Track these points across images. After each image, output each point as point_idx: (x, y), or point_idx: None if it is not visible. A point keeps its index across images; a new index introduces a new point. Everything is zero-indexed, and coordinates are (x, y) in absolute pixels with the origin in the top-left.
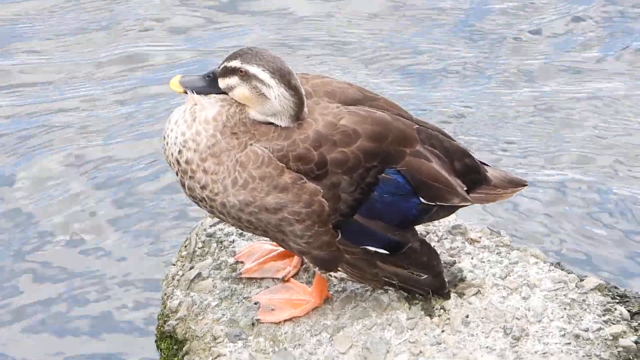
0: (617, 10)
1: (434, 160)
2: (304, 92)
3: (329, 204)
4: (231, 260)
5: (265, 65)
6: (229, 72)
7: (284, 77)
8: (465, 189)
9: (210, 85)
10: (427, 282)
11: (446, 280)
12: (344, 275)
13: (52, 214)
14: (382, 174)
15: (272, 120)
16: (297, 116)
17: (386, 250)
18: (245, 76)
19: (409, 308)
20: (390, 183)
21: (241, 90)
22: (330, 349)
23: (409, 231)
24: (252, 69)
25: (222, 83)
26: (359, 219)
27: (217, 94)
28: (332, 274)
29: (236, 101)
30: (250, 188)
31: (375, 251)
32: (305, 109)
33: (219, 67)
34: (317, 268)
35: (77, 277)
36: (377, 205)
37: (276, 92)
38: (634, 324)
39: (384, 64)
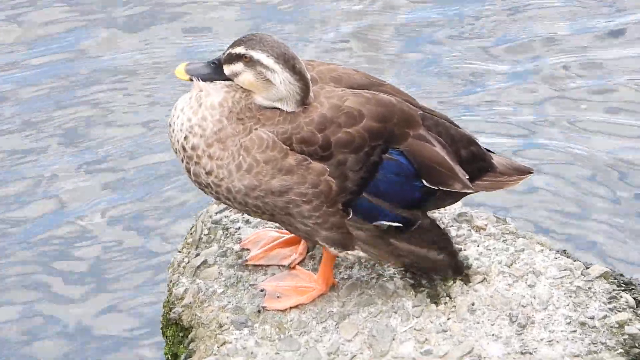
0: None
1: (437, 145)
2: (309, 77)
3: (336, 182)
4: (237, 247)
5: (269, 50)
6: (233, 58)
7: (289, 62)
8: (467, 176)
9: (215, 72)
10: (445, 262)
11: (462, 261)
12: (362, 254)
13: (55, 199)
14: (385, 154)
15: (278, 105)
16: (303, 101)
17: (398, 223)
18: (250, 62)
19: (415, 295)
20: (393, 164)
21: (246, 76)
22: (336, 336)
23: (416, 211)
24: (257, 54)
25: (227, 70)
26: (367, 196)
27: (222, 80)
28: (350, 252)
29: (241, 87)
30: (254, 172)
31: (389, 226)
32: (311, 94)
33: (223, 54)
34: (332, 248)
35: (81, 265)
36: (381, 185)
37: (281, 77)
38: None
39: None
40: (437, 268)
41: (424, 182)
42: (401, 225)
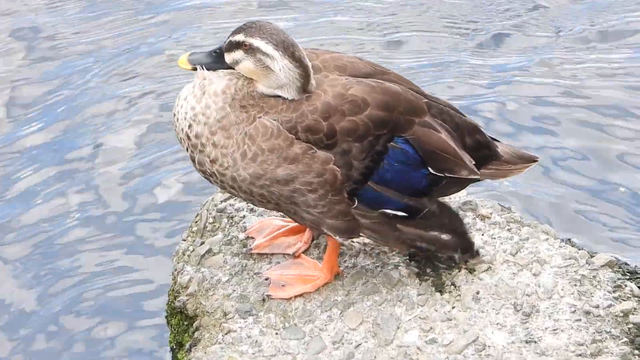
0: None
1: (443, 132)
2: (309, 64)
3: (341, 172)
4: (242, 235)
5: (268, 37)
6: (233, 46)
7: (288, 49)
8: (473, 162)
9: (217, 60)
10: (454, 243)
11: (473, 241)
12: (367, 240)
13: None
14: (391, 143)
15: (279, 92)
16: (304, 88)
17: (404, 212)
18: (250, 49)
19: (420, 284)
20: (399, 152)
21: (246, 64)
22: (341, 324)
23: (423, 198)
24: (256, 42)
25: (228, 58)
26: (373, 185)
27: (224, 69)
28: (355, 239)
29: (244, 75)
30: (260, 161)
31: (395, 215)
32: (313, 82)
33: (224, 42)
34: (337, 236)
35: (86, 254)
36: (387, 174)
37: (280, 64)
38: None
39: None
40: (445, 249)
41: (430, 169)
42: (406, 215)
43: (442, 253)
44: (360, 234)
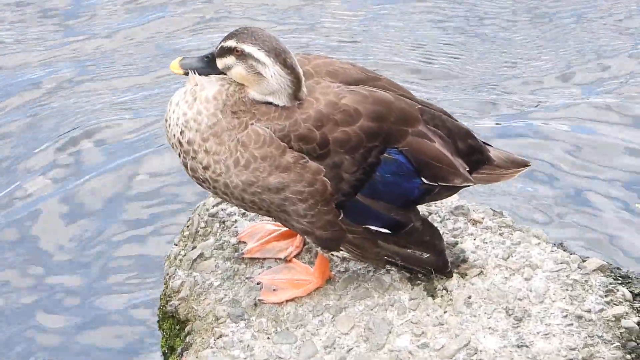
0: None
1: (437, 140)
2: (300, 71)
3: (331, 184)
4: (233, 240)
5: (260, 44)
6: (225, 52)
7: (280, 56)
8: (467, 169)
9: (208, 66)
10: (430, 261)
11: (449, 260)
12: (347, 255)
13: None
14: (384, 154)
15: (270, 99)
16: (295, 95)
17: (388, 229)
18: (241, 55)
19: (412, 289)
20: (392, 163)
21: (238, 70)
22: (333, 329)
23: (411, 211)
24: (248, 48)
25: (220, 63)
26: (361, 198)
27: (216, 74)
28: (335, 253)
29: (235, 81)
30: (252, 168)
31: (377, 230)
32: (304, 88)
33: (216, 48)
34: (319, 248)
35: (76, 257)
36: (379, 185)
37: (272, 71)
38: (636, 305)
39: None
40: (421, 266)
41: (423, 179)
42: (390, 232)
43: (417, 270)
44: (341, 248)
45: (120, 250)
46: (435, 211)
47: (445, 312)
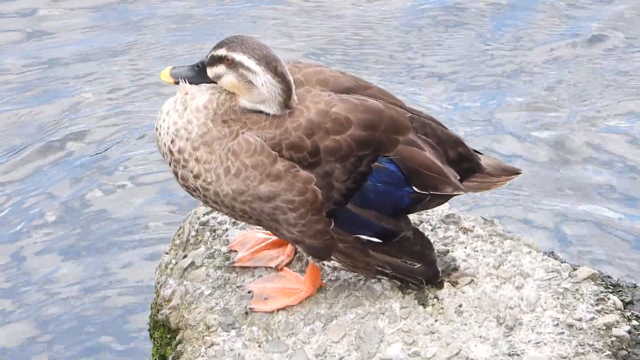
0: None
1: (427, 148)
2: (291, 79)
3: (322, 192)
4: (224, 249)
5: (251, 52)
6: (215, 60)
7: (270, 64)
8: (458, 177)
9: (199, 74)
10: (420, 271)
11: (439, 269)
12: (337, 264)
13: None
14: (375, 163)
15: (261, 107)
16: (286, 103)
17: (379, 238)
18: (232, 64)
19: (403, 297)
20: (383, 172)
21: (229, 79)
22: (324, 338)
23: (402, 220)
24: (238, 56)
25: (211, 72)
26: (352, 207)
27: (206, 83)
28: (325, 262)
29: (226, 89)
30: (243, 177)
31: (368, 240)
32: (295, 97)
33: (206, 57)
34: (310, 257)
35: (67, 267)
36: (370, 194)
37: (263, 79)
38: (627, 313)
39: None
40: (411, 276)
41: (414, 188)
42: (380, 241)
43: (407, 279)
44: (332, 258)
45: (111, 259)
46: (427, 219)
47: (436, 320)
